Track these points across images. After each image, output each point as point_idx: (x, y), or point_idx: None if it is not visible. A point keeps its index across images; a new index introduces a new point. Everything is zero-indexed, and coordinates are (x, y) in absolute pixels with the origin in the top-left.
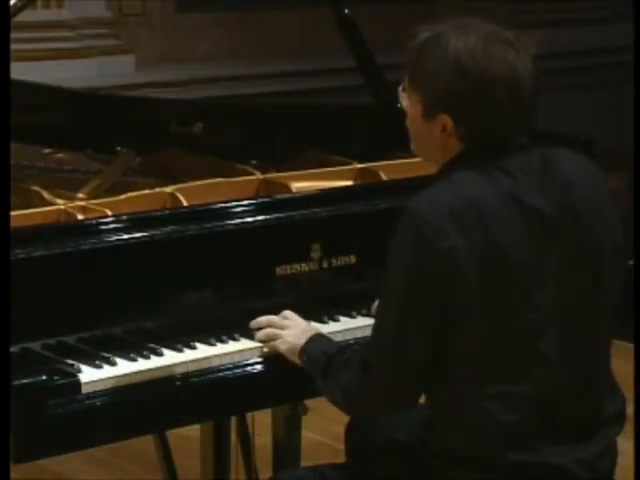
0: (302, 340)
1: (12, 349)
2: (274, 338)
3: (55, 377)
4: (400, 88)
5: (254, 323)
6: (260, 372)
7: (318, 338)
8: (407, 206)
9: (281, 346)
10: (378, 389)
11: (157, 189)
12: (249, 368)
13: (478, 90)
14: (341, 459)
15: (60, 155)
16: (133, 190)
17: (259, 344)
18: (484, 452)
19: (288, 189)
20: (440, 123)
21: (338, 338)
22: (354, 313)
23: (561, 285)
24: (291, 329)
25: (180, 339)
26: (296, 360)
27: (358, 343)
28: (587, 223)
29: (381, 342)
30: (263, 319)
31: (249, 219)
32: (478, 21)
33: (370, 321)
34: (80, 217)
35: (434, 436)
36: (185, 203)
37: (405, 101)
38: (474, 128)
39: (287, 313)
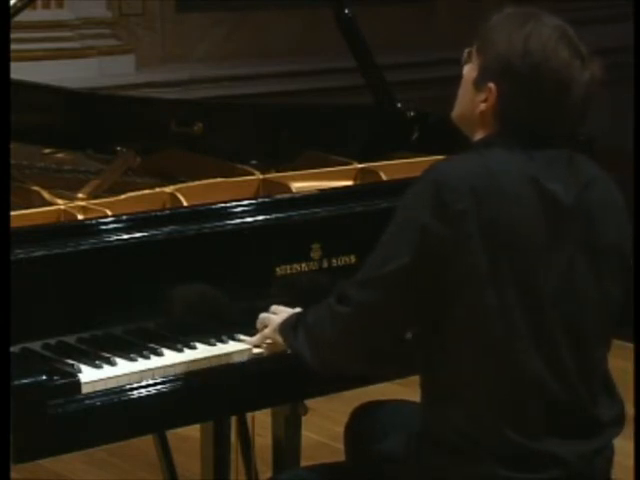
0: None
1: (12, 349)
2: (266, 324)
3: (55, 377)
4: (466, 52)
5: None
6: (260, 372)
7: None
8: (431, 165)
9: (266, 330)
10: (343, 327)
11: (157, 189)
12: (249, 368)
13: (530, 77)
14: (341, 459)
15: (60, 155)
16: (133, 190)
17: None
18: (483, 432)
19: (288, 189)
20: (485, 94)
21: None
22: None
23: (564, 274)
24: (281, 314)
25: (180, 339)
26: (280, 338)
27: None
28: (597, 223)
29: (368, 285)
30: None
31: (249, 219)
32: (568, 27)
33: None
34: (80, 217)
35: (434, 417)
36: (185, 203)
37: (466, 66)
38: (511, 111)
39: (274, 307)
